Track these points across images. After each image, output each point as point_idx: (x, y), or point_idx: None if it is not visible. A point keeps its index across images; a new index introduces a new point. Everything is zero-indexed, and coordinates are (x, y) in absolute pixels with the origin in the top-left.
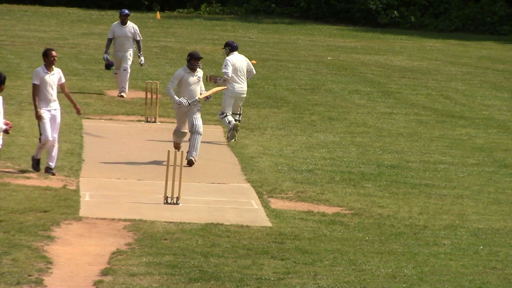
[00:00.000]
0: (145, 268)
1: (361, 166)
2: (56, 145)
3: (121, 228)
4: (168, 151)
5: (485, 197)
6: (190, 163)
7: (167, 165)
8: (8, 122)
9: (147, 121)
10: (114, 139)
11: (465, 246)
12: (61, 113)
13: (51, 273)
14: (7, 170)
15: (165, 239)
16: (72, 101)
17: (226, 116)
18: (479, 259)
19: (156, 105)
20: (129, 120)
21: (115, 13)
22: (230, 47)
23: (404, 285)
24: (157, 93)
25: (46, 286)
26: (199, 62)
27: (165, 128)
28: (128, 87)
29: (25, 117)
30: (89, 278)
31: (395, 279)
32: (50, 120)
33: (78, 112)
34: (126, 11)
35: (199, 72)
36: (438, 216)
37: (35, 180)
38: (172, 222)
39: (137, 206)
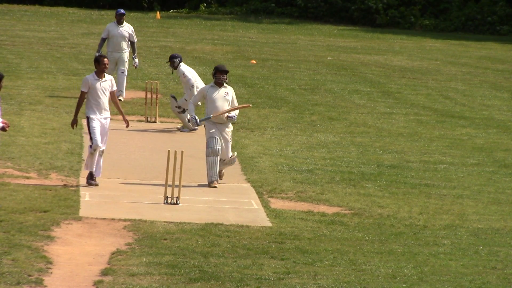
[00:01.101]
0: (145, 268)
1: (361, 166)
2: (101, 158)
3: (121, 228)
4: (168, 151)
5: (485, 197)
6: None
7: (167, 165)
8: (5, 121)
9: (147, 121)
10: (114, 139)
11: (465, 246)
12: (61, 113)
13: (51, 273)
14: (7, 170)
15: (165, 239)
16: (120, 112)
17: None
18: (479, 259)
19: (156, 105)
20: (129, 120)
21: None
22: (179, 59)
23: (404, 285)
24: (157, 93)
25: (46, 286)
26: (225, 76)
27: (165, 128)
28: (127, 87)
29: (25, 117)
30: (89, 278)
31: (395, 279)
32: (100, 127)
33: (127, 125)
34: (122, 11)
35: (229, 88)
36: (438, 216)
37: (35, 180)
38: (172, 222)
39: (137, 206)
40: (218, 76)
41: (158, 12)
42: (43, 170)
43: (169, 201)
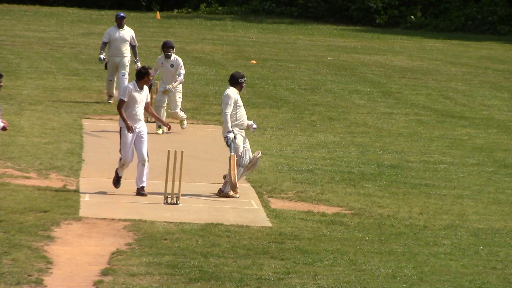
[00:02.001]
0: (145, 268)
1: (361, 166)
2: (147, 164)
3: (121, 228)
4: (168, 151)
5: (485, 197)
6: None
7: (167, 165)
8: (4, 121)
9: (147, 121)
10: (114, 139)
11: (465, 246)
12: (61, 113)
13: (51, 273)
14: (7, 170)
15: (165, 239)
16: (159, 119)
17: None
18: (479, 259)
19: None
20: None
21: (115, 13)
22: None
23: (404, 285)
24: (157, 93)
25: (46, 286)
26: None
27: (165, 128)
28: None
29: (25, 117)
30: (89, 278)
31: (395, 279)
32: (135, 139)
33: (168, 128)
34: (122, 14)
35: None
36: (438, 216)
37: (35, 180)
38: (172, 222)
39: (137, 206)
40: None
41: (158, 12)
42: (43, 170)
43: (169, 201)
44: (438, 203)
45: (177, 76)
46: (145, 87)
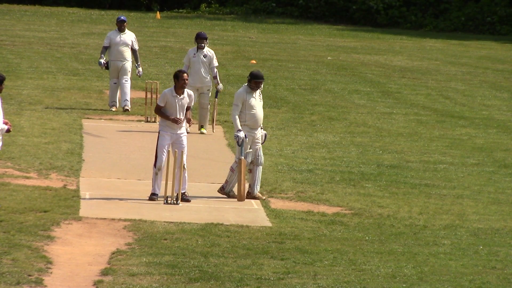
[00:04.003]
0: (145, 268)
1: (361, 166)
2: (185, 170)
3: (121, 228)
4: (168, 151)
5: (485, 197)
6: (254, 198)
7: (167, 165)
8: (7, 121)
9: (147, 121)
10: (114, 139)
11: (465, 246)
12: (61, 113)
13: (51, 273)
14: (7, 170)
15: (165, 239)
16: (189, 123)
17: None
18: (479, 259)
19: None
20: (129, 120)
21: (115, 13)
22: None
23: (404, 285)
24: (157, 93)
25: (46, 286)
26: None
27: None
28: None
29: (25, 117)
30: (89, 278)
31: (395, 279)
32: (175, 145)
33: (190, 125)
34: (123, 17)
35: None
36: (438, 216)
37: (35, 180)
38: (172, 222)
39: (137, 206)
40: (257, 83)
41: (158, 12)
42: (43, 170)
43: (169, 201)
44: (438, 203)
45: (211, 70)
46: (190, 93)
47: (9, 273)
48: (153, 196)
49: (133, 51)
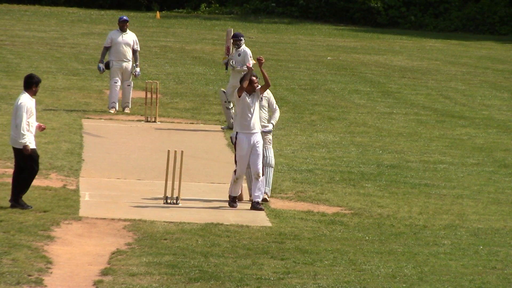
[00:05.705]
0: (145, 268)
1: (361, 166)
2: (261, 177)
3: (121, 228)
4: (168, 151)
5: (485, 197)
6: (264, 201)
7: (167, 165)
8: (41, 124)
9: (147, 121)
10: (114, 139)
11: (465, 246)
12: (61, 113)
13: (51, 273)
14: (7, 170)
15: (165, 239)
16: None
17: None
18: (479, 259)
19: (156, 105)
20: (129, 120)
21: (115, 13)
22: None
23: (404, 285)
24: (157, 93)
25: (46, 286)
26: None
27: (165, 128)
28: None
29: None
30: (89, 278)
31: (395, 279)
32: (251, 151)
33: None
34: (125, 17)
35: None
36: (438, 216)
37: (35, 180)
38: (172, 222)
39: (137, 206)
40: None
41: (158, 12)
42: (43, 170)
43: (169, 201)
44: (438, 203)
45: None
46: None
47: (9, 273)
48: (232, 203)
49: (134, 51)
